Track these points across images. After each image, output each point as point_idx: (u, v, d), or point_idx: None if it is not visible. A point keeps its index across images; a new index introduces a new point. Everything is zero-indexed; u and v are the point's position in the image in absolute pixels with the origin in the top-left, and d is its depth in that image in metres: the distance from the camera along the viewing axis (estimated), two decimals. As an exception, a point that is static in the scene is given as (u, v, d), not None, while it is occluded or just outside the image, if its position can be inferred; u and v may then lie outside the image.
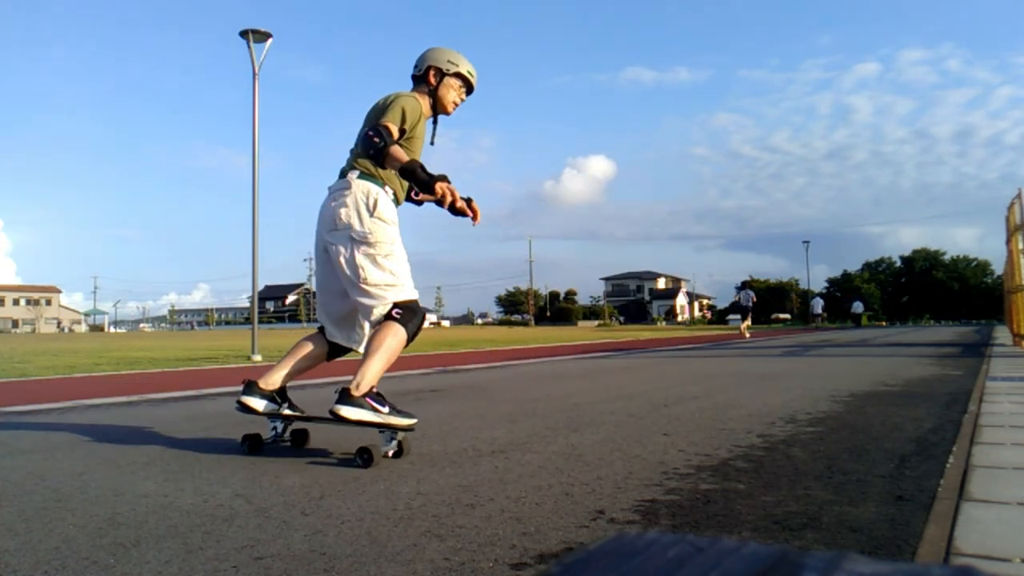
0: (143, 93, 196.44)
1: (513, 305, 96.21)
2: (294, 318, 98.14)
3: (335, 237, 2.80)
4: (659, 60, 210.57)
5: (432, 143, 3.09)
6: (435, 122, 3.10)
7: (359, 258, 2.76)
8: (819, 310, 37.58)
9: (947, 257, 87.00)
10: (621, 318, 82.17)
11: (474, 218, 2.98)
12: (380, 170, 2.86)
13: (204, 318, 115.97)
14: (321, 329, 3.02)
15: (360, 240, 2.76)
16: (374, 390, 2.69)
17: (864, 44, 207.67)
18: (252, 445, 2.84)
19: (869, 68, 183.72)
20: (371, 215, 2.78)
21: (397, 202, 2.94)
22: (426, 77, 3.03)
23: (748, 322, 20.59)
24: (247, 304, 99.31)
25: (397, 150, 2.73)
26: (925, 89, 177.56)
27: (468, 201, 2.98)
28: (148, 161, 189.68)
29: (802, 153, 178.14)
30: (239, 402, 2.89)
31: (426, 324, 3.15)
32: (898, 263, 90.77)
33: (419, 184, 2.72)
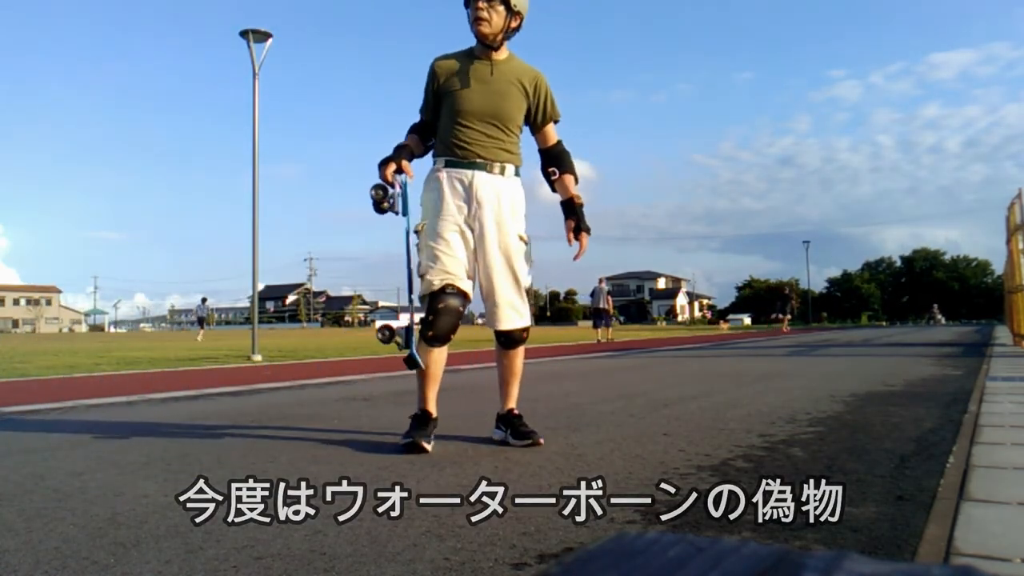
0: (144, 93, 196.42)
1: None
2: (294, 318, 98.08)
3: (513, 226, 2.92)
4: (663, 63, 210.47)
5: (492, 74, 2.91)
6: (489, 49, 2.89)
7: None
8: (602, 303, 19.45)
9: (947, 257, 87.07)
10: (621, 318, 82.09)
11: (577, 254, 3.02)
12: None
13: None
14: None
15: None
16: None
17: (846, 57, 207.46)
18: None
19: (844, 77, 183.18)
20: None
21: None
22: None
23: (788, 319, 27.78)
24: (247, 304, 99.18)
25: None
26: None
27: (578, 231, 2.97)
28: (148, 161, 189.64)
29: (802, 159, 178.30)
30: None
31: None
32: (898, 263, 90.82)
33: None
